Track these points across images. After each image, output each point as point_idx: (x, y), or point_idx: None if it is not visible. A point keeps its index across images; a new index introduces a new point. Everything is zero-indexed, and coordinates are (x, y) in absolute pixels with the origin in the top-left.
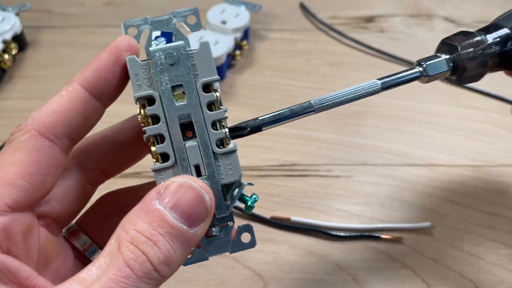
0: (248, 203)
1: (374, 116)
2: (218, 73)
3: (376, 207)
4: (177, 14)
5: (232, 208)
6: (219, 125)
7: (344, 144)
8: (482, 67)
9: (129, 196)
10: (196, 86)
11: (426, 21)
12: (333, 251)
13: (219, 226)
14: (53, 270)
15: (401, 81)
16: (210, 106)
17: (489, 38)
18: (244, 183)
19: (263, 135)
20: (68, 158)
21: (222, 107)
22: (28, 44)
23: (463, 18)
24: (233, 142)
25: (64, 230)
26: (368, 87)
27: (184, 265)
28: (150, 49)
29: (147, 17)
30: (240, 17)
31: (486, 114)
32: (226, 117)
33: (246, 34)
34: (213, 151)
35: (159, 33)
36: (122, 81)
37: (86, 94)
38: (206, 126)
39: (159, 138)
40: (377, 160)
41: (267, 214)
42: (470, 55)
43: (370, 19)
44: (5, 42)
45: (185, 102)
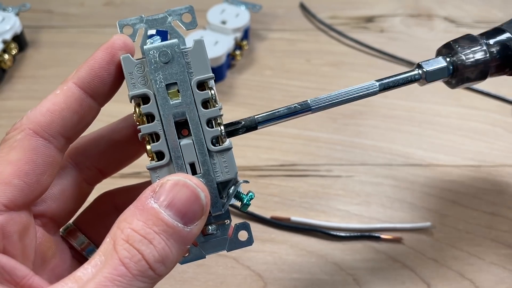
0: (244, 201)
1: (374, 116)
2: (218, 73)
3: (376, 207)
4: (172, 12)
5: (228, 206)
6: (214, 122)
7: (344, 144)
8: (482, 73)
9: (126, 195)
10: (190, 84)
11: (426, 21)
12: (333, 251)
13: (216, 224)
14: (50, 269)
15: (399, 83)
16: (205, 104)
17: (491, 43)
18: (240, 181)
19: (263, 135)
20: (64, 157)
21: (217, 105)
22: (28, 44)
23: (463, 18)
24: (228, 140)
25: (61, 230)
26: (366, 89)
27: (181, 263)
28: (145, 47)
29: (142, 15)
30: (240, 17)
31: (486, 114)
32: (221, 114)
33: (246, 34)
34: (208, 149)
35: (155, 31)
36: (117, 79)
37: (81, 93)
38: (201, 124)
39: (154, 137)
40: (377, 160)
41: (267, 214)
42: (472, 62)
43: (370, 19)
44: (5, 42)
45: (179, 100)
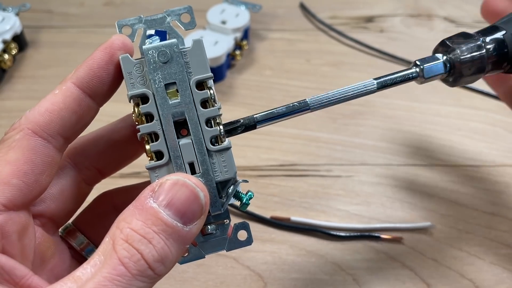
0: (243, 200)
1: (374, 116)
2: (218, 73)
3: (376, 207)
4: (171, 12)
5: (227, 205)
6: (213, 122)
7: (344, 144)
8: (478, 70)
9: (125, 195)
10: (189, 84)
11: (426, 21)
12: (333, 251)
13: (215, 224)
14: (49, 269)
15: (397, 81)
16: (204, 103)
17: (487, 40)
18: (239, 180)
19: (263, 135)
20: (63, 157)
21: (216, 104)
22: (28, 44)
23: (463, 18)
24: (227, 139)
25: (60, 230)
26: (364, 87)
27: (180, 263)
28: (143, 47)
29: (141, 16)
30: (240, 17)
31: (486, 114)
32: (220, 114)
33: (246, 34)
34: (207, 149)
35: (153, 31)
36: (116, 79)
37: (80, 93)
38: (200, 124)
39: (153, 136)
40: (377, 160)
41: (267, 214)
42: (468, 59)
43: (370, 19)
44: (5, 42)
45: (178, 100)
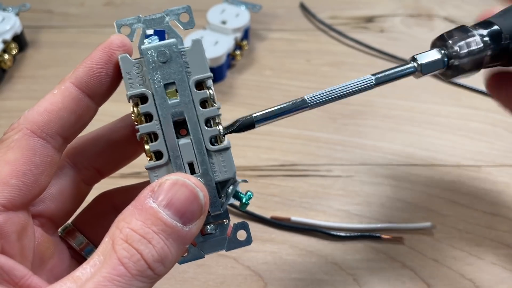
0: (242, 200)
1: (374, 116)
2: (218, 73)
3: (376, 207)
4: (170, 12)
5: (226, 205)
6: (213, 122)
7: (344, 144)
8: (476, 63)
9: (124, 195)
10: (188, 84)
11: (426, 21)
12: (333, 251)
13: (215, 223)
14: (48, 269)
15: (395, 76)
16: (203, 103)
17: (485, 34)
18: (238, 180)
19: (263, 135)
20: (62, 157)
21: (215, 104)
22: (28, 44)
23: (463, 18)
24: (227, 139)
25: (60, 230)
26: (362, 83)
27: (180, 263)
28: (142, 47)
29: (140, 15)
30: (240, 17)
31: (486, 114)
32: (219, 114)
33: (246, 34)
34: (206, 149)
35: (152, 31)
36: (115, 79)
37: (79, 93)
38: (199, 124)
39: (153, 136)
40: (377, 160)
41: (267, 214)
42: (466, 52)
43: (370, 19)
44: (5, 42)
45: (178, 100)
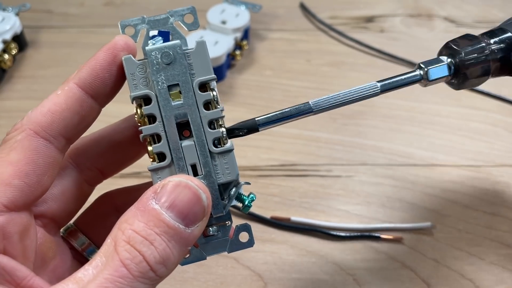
0: (245, 203)
1: (374, 116)
2: (218, 73)
3: (376, 207)
4: (174, 13)
5: (229, 207)
6: (216, 124)
7: (344, 144)
8: (484, 73)
9: (126, 196)
10: (192, 86)
11: (426, 21)
12: (333, 251)
13: (217, 225)
14: (50, 270)
15: (401, 84)
16: (207, 105)
17: (492, 43)
18: (241, 182)
19: (263, 135)
20: (64, 158)
21: (219, 106)
22: (28, 44)
23: (463, 18)
24: (230, 141)
25: (62, 230)
26: (367, 90)
27: (181, 264)
28: (146, 48)
29: (144, 16)
30: (240, 17)
31: (486, 114)
32: (223, 116)
33: (246, 34)
34: (209, 150)
35: (156, 32)
36: (119, 80)
37: (82, 94)
38: (202, 125)
39: (156, 138)
40: (377, 160)
41: (267, 214)
42: (473, 61)
43: (370, 19)
44: (5, 42)
45: (181, 102)
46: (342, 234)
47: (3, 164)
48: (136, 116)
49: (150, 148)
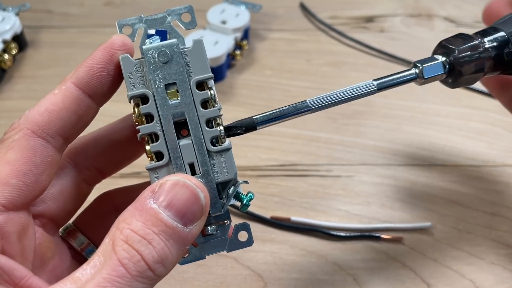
0: (243, 201)
1: (374, 116)
2: (218, 73)
3: (376, 207)
4: (171, 12)
5: (227, 206)
6: (214, 123)
7: (344, 144)
8: (478, 71)
9: (125, 195)
10: (189, 84)
11: (426, 21)
12: (333, 251)
13: (216, 224)
14: (49, 270)
15: (396, 82)
16: (205, 104)
17: (486, 41)
18: (239, 181)
19: (263, 135)
20: (63, 158)
21: (216, 105)
22: (28, 44)
23: (463, 18)
24: (228, 140)
25: (61, 230)
26: (364, 88)
27: (180, 264)
28: (143, 47)
29: (142, 15)
30: (240, 17)
31: (486, 114)
32: (220, 114)
33: (246, 34)
34: (207, 149)
35: (154, 31)
36: (116, 80)
37: (80, 93)
38: (200, 124)
39: (153, 137)
40: (377, 160)
41: (267, 214)
42: (467, 59)
43: (370, 19)
44: (5, 42)
45: (178, 101)
46: (342, 234)
47: (1, 163)
48: (133, 115)
49: (147, 147)
